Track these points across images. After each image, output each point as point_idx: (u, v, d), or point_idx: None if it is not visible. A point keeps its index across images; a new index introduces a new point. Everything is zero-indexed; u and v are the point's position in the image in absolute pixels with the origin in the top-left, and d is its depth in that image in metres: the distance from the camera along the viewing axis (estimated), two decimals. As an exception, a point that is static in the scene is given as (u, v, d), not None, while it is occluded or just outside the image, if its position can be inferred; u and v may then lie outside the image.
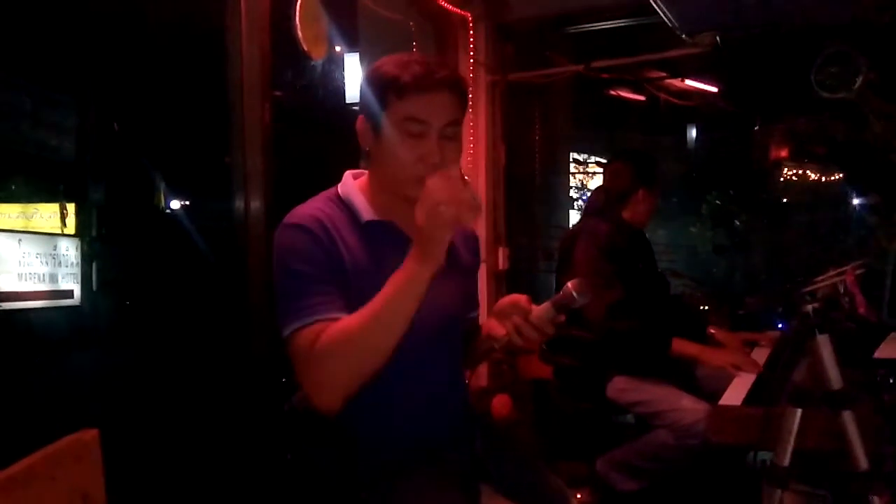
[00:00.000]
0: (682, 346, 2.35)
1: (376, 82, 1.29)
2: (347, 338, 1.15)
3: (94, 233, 2.34)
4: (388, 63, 1.29)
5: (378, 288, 1.20)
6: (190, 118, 2.40)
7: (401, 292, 1.15)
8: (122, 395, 2.11)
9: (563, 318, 1.26)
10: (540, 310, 1.26)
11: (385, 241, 1.31)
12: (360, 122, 1.33)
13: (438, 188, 1.12)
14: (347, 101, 2.75)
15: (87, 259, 2.29)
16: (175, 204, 2.64)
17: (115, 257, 2.38)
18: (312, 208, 1.31)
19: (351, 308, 1.22)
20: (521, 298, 1.28)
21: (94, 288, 2.29)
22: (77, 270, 2.25)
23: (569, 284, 1.25)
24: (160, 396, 2.19)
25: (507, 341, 1.26)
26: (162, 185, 2.54)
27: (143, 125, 2.36)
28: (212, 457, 2.13)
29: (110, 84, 2.23)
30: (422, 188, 1.16)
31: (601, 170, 5.24)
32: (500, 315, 1.29)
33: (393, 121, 1.26)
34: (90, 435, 1.00)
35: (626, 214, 2.58)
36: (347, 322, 1.17)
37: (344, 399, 1.17)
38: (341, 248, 1.27)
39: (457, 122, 1.29)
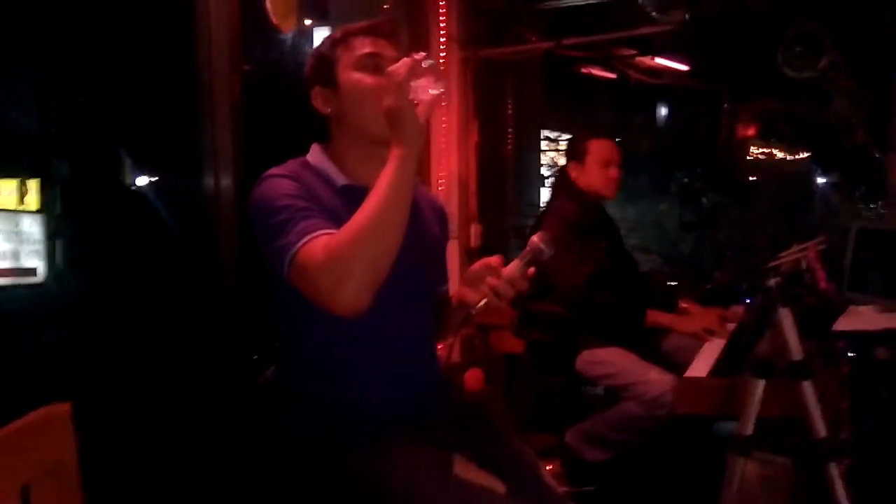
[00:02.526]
0: (655, 316, 2.43)
1: (321, 49, 1.39)
2: (359, 230, 1.15)
3: (58, 209, 2.30)
4: (326, 37, 1.41)
5: None
6: (157, 93, 2.36)
7: (395, 177, 1.17)
8: (90, 372, 2.09)
9: (532, 270, 1.29)
10: (510, 268, 1.28)
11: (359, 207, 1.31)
12: (316, 92, 1.38)
13: (399, 67, 1.18)
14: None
15: (51, 236, 2.25)
16: (142, 180, 2.60)
17: (80, 234, 2.34)
18: (289, 168, 1.33)
19: None
20: (492, 260, 1.30)
21: (60, 265, 2.26)
22: (41, 247, 2.21)
23: (534, 238, 1.28)
24: (130, 374, 2.17)
25: (484, 303, 1.28)
26: (128, 161, 2.49)
27: (109, 99, 2.31)
28: (185, 433, 2.13)
29: (75, 56, 2.18)
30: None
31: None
32: (473, 281, 1.31)
33: (348, 66, 1.34)
34: (62, 408, 0.99)
35: (580, 184, 2.60)
36: (354, 219, 1.17)
37: (366, 294, 1.14)
38: (323, 200, 1.28)
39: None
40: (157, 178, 2.59)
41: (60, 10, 2.12)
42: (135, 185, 2.61)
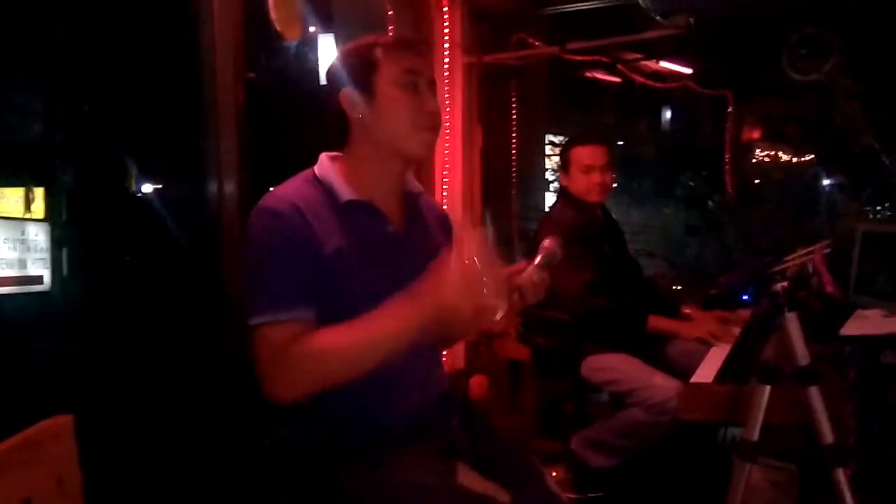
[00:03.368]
0: (658, 322, 2.42)
1: (360, 51, 1.34)
2: (325, 357, 1.19)
3: (64, 217, 2.31)
4: (362, 39, 1.36)
5: (358, 269, 1.24)
6: (162, 100, 2.37)
7: (396, 337, 1.18)
8: (94, 382, 2.09)
9: (547, 275, 1.29)
10: (527, 273, 1.28)
11: (364, 221, 1.32)
12: (346, 94, 1.33)
13: (480, 277, 1.12)
14: (322, 82, 2.72)
15: (57, 244, 2.26)
16: (147, 188, 2.61)
17: (86, 242, 2.35)
18: (289, 191, 1.31)
19: (326, 296, 1.23)
20: (513, 268, 1.31)
21: (65, 273, 2.26)
22: (47, 256, 2.22)
23: (545, 242, 1.30)
24: (134, 383, 2.17)
25: (506, 312, 1.27)
26: (133, 169, 2.50)
27: (114, 107, 2.32)
28: (189, 444, 2.13)
29: (78, 65, 2.19)
30: (421, 139, 1.28)
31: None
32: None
33: (389, 78, 1.31)
34: (64, 420, 0.99)
35: (572, 191, 2.60)
36: (328, 341, 1.19)
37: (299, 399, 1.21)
38: (318, 233, 1.26)
39: (435, 80, 1.37)
40: (161, 186, 2.60)
41: (64, 19, 2.13)
42: (140, 192, 2.61)
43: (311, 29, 2.70)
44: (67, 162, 2.35)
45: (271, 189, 1.33)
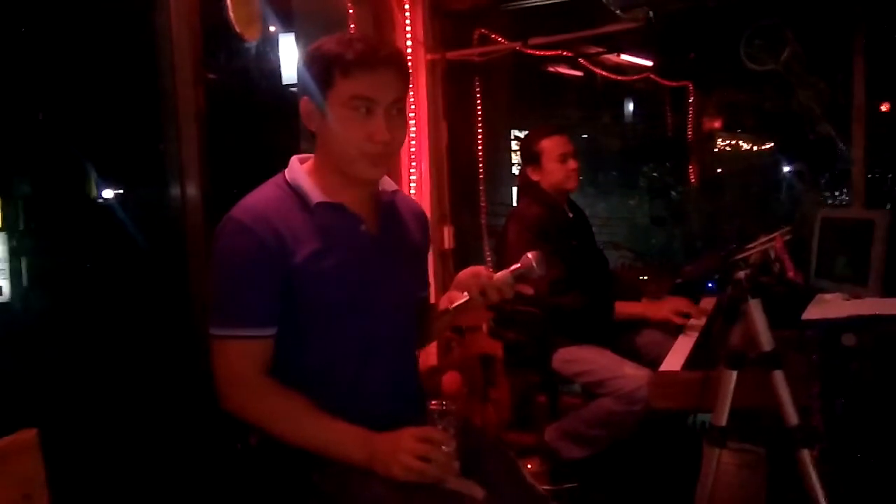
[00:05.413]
0: (625, 307, 2.45)
1: (320, 61, 1.27)
2: (273, 415, 1.26)
3: (21, 226, 2.26)
4: (330, 42, 1.29)
5: (332, 271, 1.26)
6: (120, 103, 2.33)
7: (324, 446, 1.24)
8: (59, 394, 2.05)
9: (529, 290, 1.32)
10: (501, 275, 1.31)
11: (336, 223, 1.32)
12: (305, 103, 1.31)
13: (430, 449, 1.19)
14: (284, 82, 2.70)
15: (15, 254, 2.21)
16: (108, 194, 2.56)
17: (46, 251, 2.30)
18: (259, 200, 1.30)
19: (303, 300, 1.26)
20: (480, 269, 1.32)
21: (25, 284, 2.21)
22: (5, 266, 2.17)
23: (529, 255, 1.30)
24: (100, 393, 2.13)
25: (465, 300, 1.29)
26: (93, 174, 2.45)
27: (71, 111, 2.27)
28: (157, 453, 2.09)
29: (33, 68, 2.14)
30: (369, 166, 1.26)
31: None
32: (461, 287, 1.32)
33: (340, 99, 1.26)
34: (29, 435, 0.97)
35: (544, 185, 2.60)
36: (286, 405, 1.25)
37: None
38: (290, 243, 1.26)
39: (401, 100, 1.31)
40: (122, 191, 2.55)
41: (17, 21, 2.08)
42: (100, 198, 2.56)
43: (272, 28, 2.67)
44: (23, 169, 2.30)
45: (244, 197, 1.32)
